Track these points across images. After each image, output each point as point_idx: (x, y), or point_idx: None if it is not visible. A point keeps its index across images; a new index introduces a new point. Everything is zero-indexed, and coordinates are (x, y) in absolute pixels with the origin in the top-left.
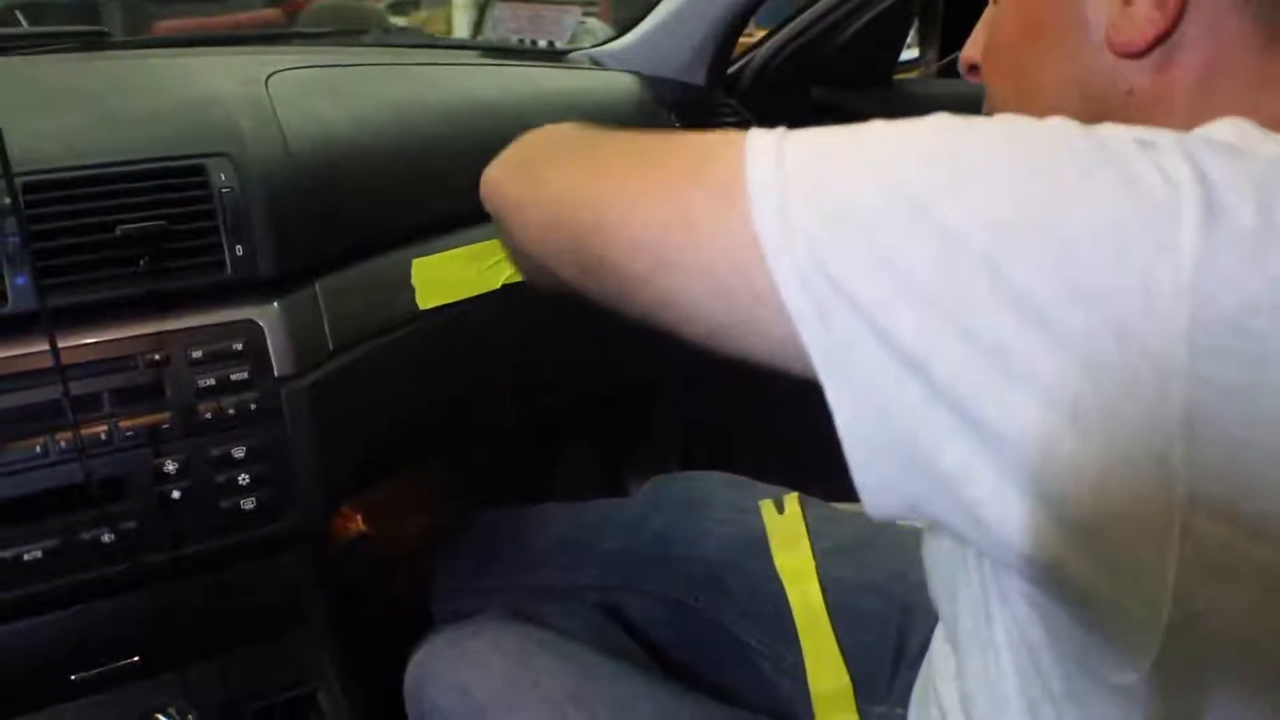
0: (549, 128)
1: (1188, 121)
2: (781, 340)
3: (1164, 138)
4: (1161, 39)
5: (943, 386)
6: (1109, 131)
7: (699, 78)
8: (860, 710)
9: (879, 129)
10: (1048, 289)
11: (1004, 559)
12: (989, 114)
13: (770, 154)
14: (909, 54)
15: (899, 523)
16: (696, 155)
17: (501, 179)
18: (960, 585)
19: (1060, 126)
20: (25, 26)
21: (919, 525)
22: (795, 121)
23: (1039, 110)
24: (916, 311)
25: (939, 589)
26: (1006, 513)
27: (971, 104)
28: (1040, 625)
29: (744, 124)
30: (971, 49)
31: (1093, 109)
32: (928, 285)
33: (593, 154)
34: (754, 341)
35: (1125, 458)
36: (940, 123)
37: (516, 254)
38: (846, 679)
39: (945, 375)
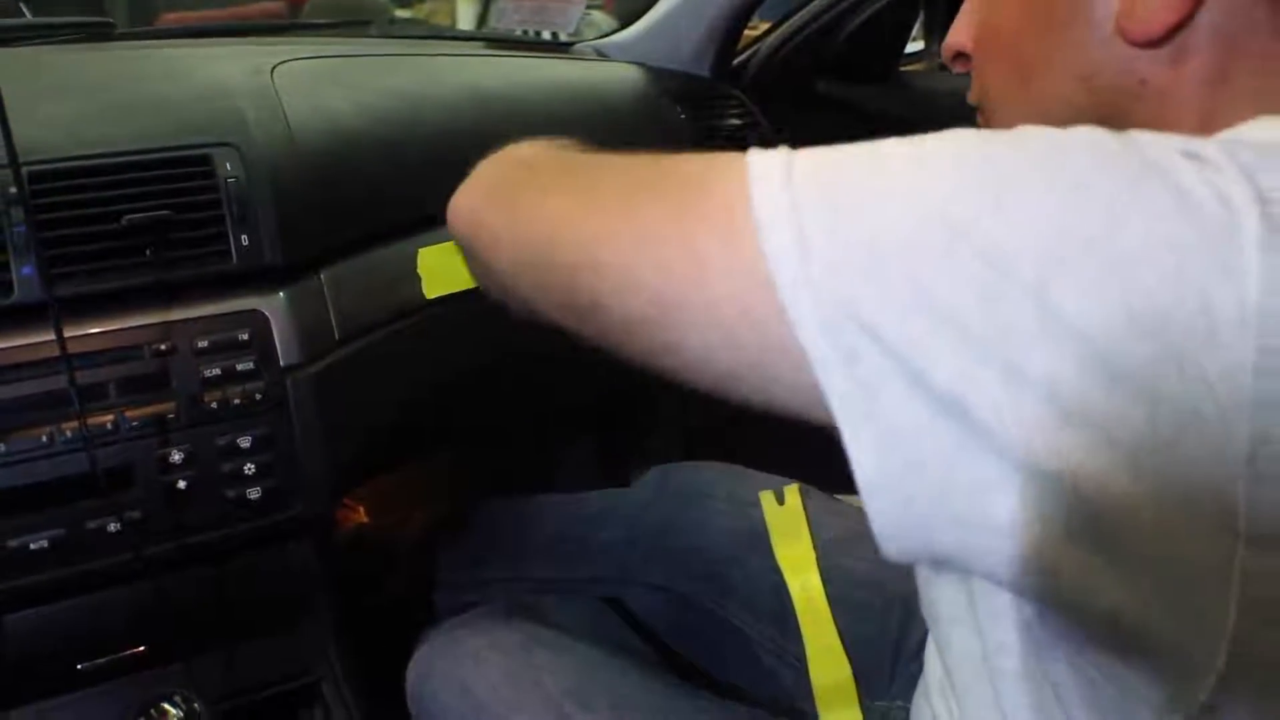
0: (519, 148)
1: (1203, 113)
2: (798, 387)
3: (1208, 147)
4: (1178, 28)
5: (984, 429)
6: (1148, 139)
7: (704, 69)
8: (862, 703)
9: (897, 145)
10: (1102, 318)
11: (1054, 608)
12: (977, 105)
13: (777, 178)
14: (914, 46)
15: None
16: (694, 182)
17: (474, 207)
18: (956, 617)
19: (1094, 136)
20: (30, 17)
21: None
22: (800, 114)
23: (1042, 104)
24: (956, 348)
25: (930, 611)
26: (1058, 562)
27: None
28: (1067, 665)
29: (749, 116)
30: (958, 34)
31: (1102, 101)
32: (970, 319)
33: (578, 182)
34: (768, 389)
35: (1185, 497)
36: (964, 138)
37: (487, 285)
38: (848, 671)
39: (987, 416)
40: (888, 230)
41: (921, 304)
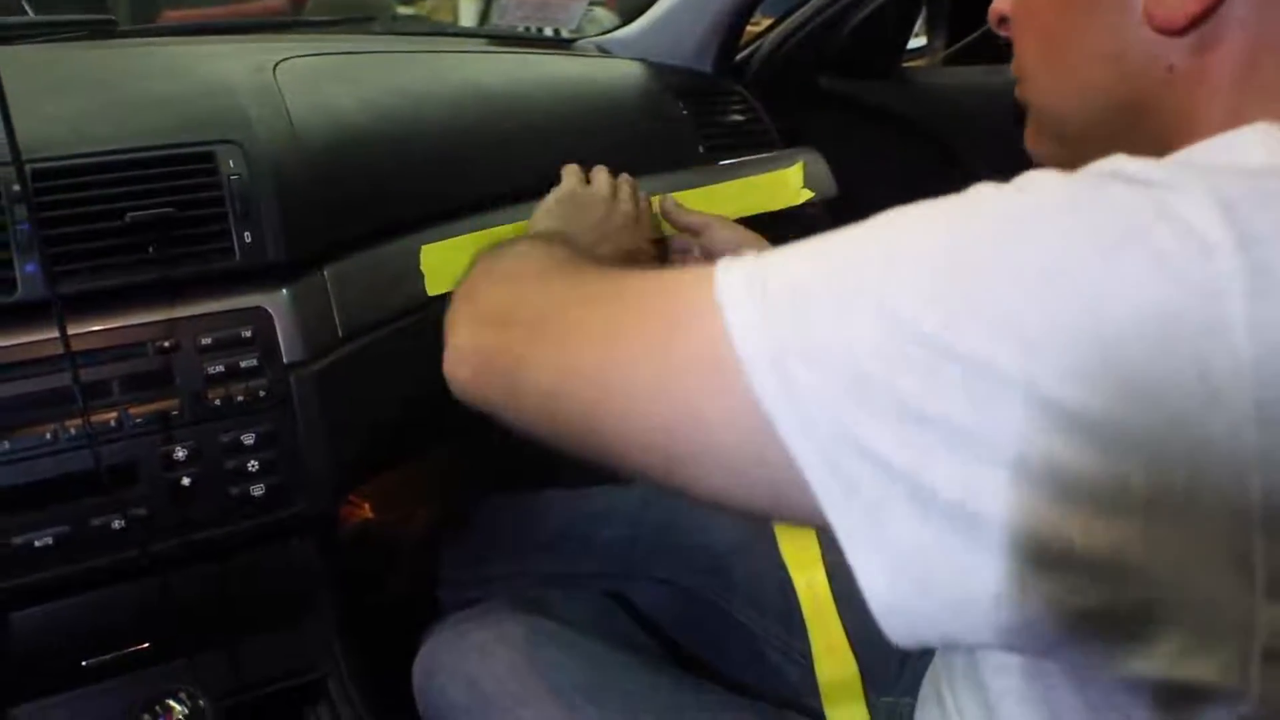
0: (484, 285)
1: (1230, 103)
2: (812, 514)
3: (1186, 179)
4: (1203, 17)
5: (992, 533)
6: (1117, 184)
7: (706, 65)
8: (868, 699)
9: (856, 250)
10: (1100, 401)
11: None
12: (1016, 74)
13: (749, 310)
14: (916, 42)
15: None
16: (669, 321)
17: (471, 381)
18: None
19: (1055, 196)
20: (33, 15)
21: None
22: (803, 109)
23: (1069, 82)
24: (956, 459)
25: None
26: (1076, 641)
27: (978, 93)
28: (1070, 692)
29: (751, 112)
30: (1004, 1)
31: (1129, 87)
32: (965, 428)
33: (557, 341)
34: (784, 516)
35: (1203, 557)
36: (930, 226)
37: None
38: (854, 667)
39: (1000, 521)
40: (870, 355)
41: (914, 422)
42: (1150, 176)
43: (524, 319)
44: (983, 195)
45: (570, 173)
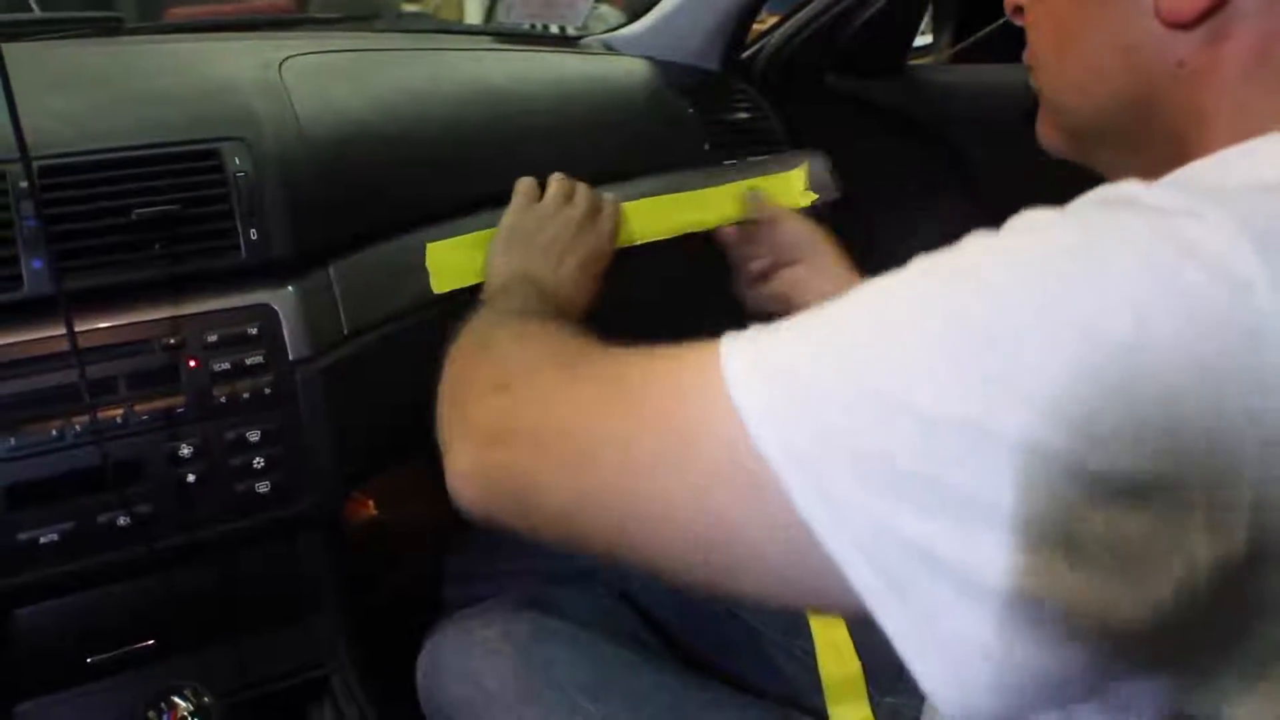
0: (476, 398)
1: (1239, 96)
2: (860, 610)
3: (1205, 206)
4: (1212, 11)
5: (1057, 620)
6: (1132, 221)
7: (713, 63)
8: (871, 699)
9: (866, 339)
10: (1151, 465)
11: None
12: (1029, 63)
13: (768, 414)
14: (922, 40)
15: None
16: (684, 430)
17: (479, 500)
18: None
19: (1062, 241)
20: (39, 12)
21: None
22: (809, 107)
23: (1078, 75)
24: (1008, 549)
25: None
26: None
27: (984, 92)
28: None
29: (758, 110)
30: None
31: (1138, 80)
32: (1015, 515)
33: (569, 456)
34: (837, 612)
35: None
36: (924, 301)
37: None
38: (857, 666)
39: (1061, 605)
40: (906, 453)
41: (964, 515)
42: (1165, 204)
43: (524, 432)
44: (977, 249)
45: (519, 193)
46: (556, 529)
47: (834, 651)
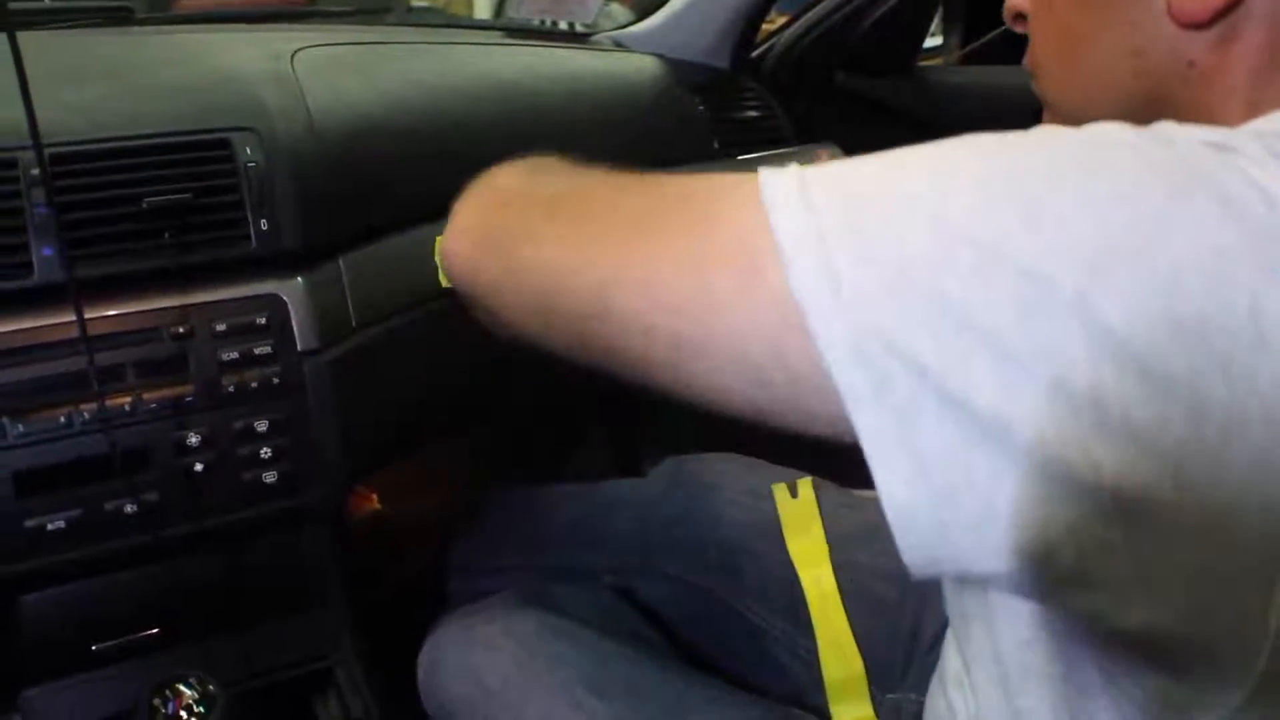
0: (499, 180)
1: (1250, 99)
2: (832, 420)
3: (1244, 141)
4: (1225, 11)
5: (1026, 450)
6: (1182, 137)
7: (723, 61)
8: (874, 697)
9: (914, 158)
10: (1146, 330)
11: (1084, 621)
12: (1031, 69)
13: (795, 204)
14: (932, 41)
15: None
16: (701, 213)
17: (467, 258)
18: (978, 614)
19: (1125, 137)
20: (51, 2)
21: None
22: (818, 107)
23: (1086, 79)
24: (997, 370)
25: (952, 605)
26: (1093, 581)
27: (993, 93)
28: (1092, 666)
29: (767, 108)
30: None
31: (1148, 83)
32: (1010, 339)
33: (573, 223)
34: (801, 421)
35: (1232, 506)
36: (984, 147)
37: (494, 329)
38: (860, 665)
39: (1030, 437)
40: (917, 254)
41: (959, 326)
42: (1210, 137)
43: (542, 197)
44: (1051, 129)
45: None
46: (536, 294)
47: (836, 650)
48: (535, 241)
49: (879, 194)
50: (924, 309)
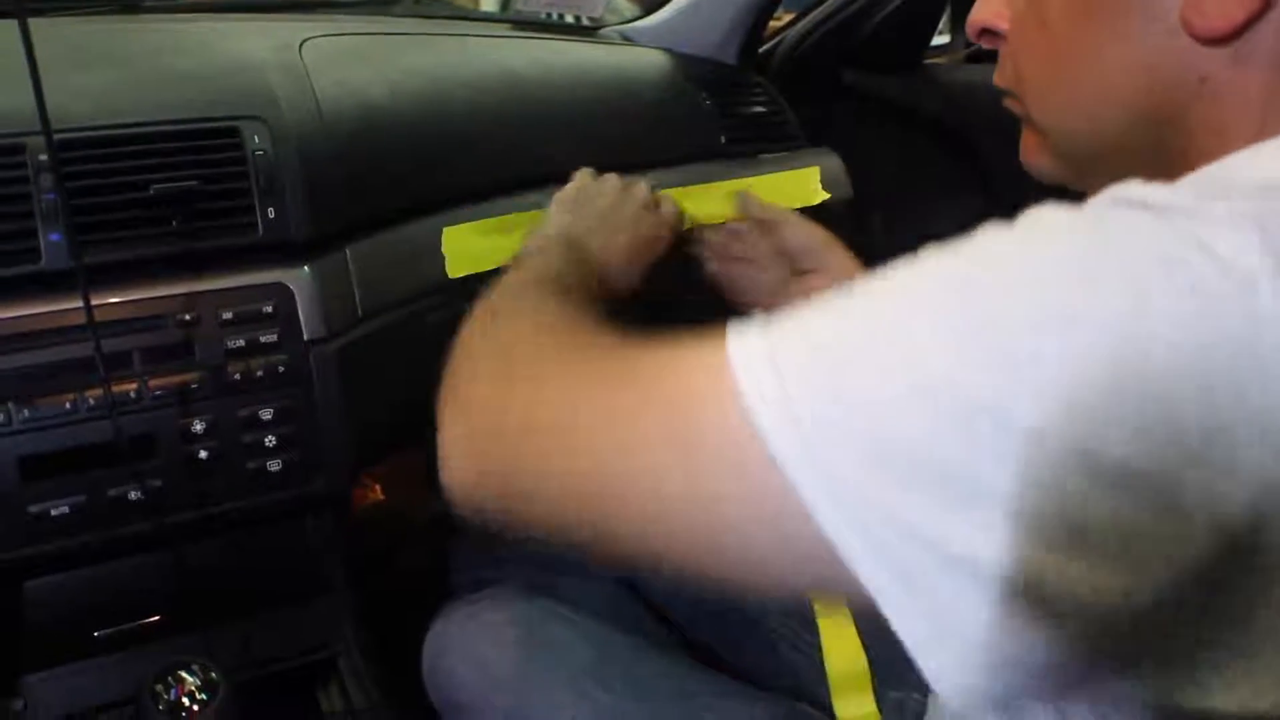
0: (470, 378)
1: (1261, 113)
2: (850, 589)
3: (1212, 203)
4: (1247, 25)
5: (1059, 607)
6: (1142, 220)
7: (730, 57)
8: (877, 693)
9: (877, 315)
10: (1153, 454)
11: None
12: (1007, 90)
13: (771, 388)
14: (939, 39)
15: None
16: (681, 411)
17: (471, 491)
18: None
19: (1077, 232)
20: None
21: None
22: (825, 103)
23: (1084, 97)
24: (1010, 536)
25: None
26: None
27: (1000, 91)
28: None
29: (775, 104)
30: (988, 10)
31: (1156, 100)
32: (1018, 501)
33: (561, 437)
34: (826, 596)
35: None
36: (930, 281)
37: None
38: (863, 661)
39: (1062, 592)
40: (906, 431)
41: (963, 493)
42: (1174, 203)
43: (521, 429)
44: (992, 240)
45: (582, 174)
46: (545, 521)
47: (840, 645)
48: (531, 478)
49: (852, 373)
50: (929, 485)
